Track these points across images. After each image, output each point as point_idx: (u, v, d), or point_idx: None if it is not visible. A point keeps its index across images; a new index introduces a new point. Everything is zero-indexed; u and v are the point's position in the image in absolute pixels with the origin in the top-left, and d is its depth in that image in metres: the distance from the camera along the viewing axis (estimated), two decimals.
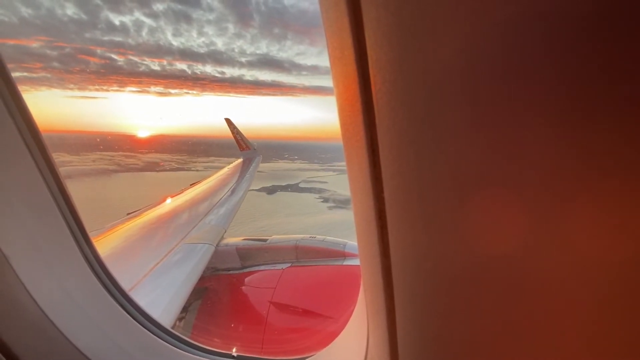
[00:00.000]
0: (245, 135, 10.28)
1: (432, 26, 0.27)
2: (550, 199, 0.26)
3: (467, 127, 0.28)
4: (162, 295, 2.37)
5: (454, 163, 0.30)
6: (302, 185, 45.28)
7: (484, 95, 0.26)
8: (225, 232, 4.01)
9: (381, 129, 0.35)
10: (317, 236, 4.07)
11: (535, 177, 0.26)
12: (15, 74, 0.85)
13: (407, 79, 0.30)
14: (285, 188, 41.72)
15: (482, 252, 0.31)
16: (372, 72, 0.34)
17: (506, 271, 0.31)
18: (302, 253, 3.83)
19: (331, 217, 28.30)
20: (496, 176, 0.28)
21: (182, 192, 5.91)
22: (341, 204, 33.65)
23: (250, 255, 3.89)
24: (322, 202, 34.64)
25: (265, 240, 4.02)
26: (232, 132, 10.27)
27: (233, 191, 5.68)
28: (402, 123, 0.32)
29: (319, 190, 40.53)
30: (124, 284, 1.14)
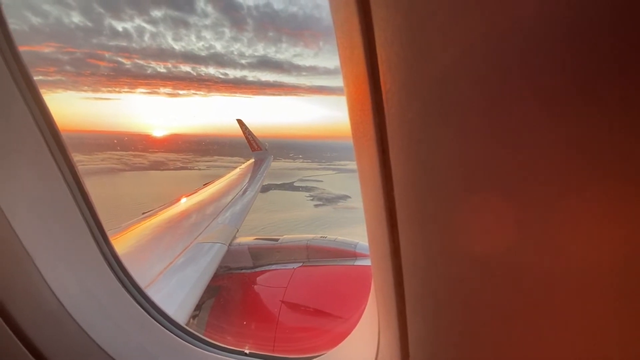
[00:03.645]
0: (255, 135, 10.38)
1: (442, 25, 0.27)
2: (562, 198, 0.26)
3: (477, 126, 0.28)
4: (177, 293, 2.42)
5: (464, 162, 0.30)
6: (297, 183, 45.67)
7: (494, 95, 0.26)
8: (238, 231, 4.07)
9: (391, 129, 0.35)
10: (328, 236, 4.08)
11: (548, 177, 0.26)
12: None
13: (417, 78, 0.30)
14: (280, 186, 42.10)
15: (493, 252, 0.31)
16: (382, 71, 0.34)
17: (518, 271, 0.30)
18: (313, 253, 3.84)
19: (312, 214, 29.20)
20: (507, 175, 0.28)
21: (196, 192, 6.01)
22: (328, 202, 34.63)
23: (262, 255, 3.93)
24: (310, 200, 35.60)
25: (276, 240, 4.05)
26: (244, 133, 10.38)
27: (244, 191, 5.75)
28: (412, 122, 0.32)
29: (312, 189, 41.17)
30: (141, 282, 1.17)
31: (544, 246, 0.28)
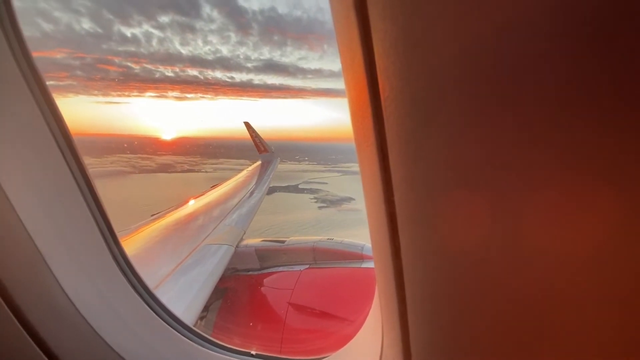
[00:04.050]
0: (263, 137, 10.44)
1: (436, 36, 0.28)
2: (564, 200, 0.26)
3: (471, 130, 0.29)
4: (185, 294, 2.45)
5: (460, 166, 0.31)
6: (301, 186, 46.03)
7: (489, 101, 0.27)
8: (245, 233, 4.09)
9: (390, 135, 0.36)
10: (335, 238, 4.07)
11: (548, 180, 0.26)
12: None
13: (413, 86, 0.31)
14: (284, 189, 42.51)
15: (492, 254, 0.32)
16: (380, 79, 0.35)
17: (518, 272, 0.31)
18: (319, 255, 3.84)
19: (316, 215, 29.50)
20: (504, 178, 0.28)
21: (203, 194, 6.06)
22: (331, 204, 34.95)
23: (268, 257, 3.94)
24: (314, 202, 35.99)
25: (283, 242, 4.06)
26: (251, 135, 10.44)
27: (251, 193, 5.78)
28: (409, 129, 0.33)
29: (316, 191, 41.56)
30: (149, 283, 1.19)
31: (545, 247, 0.28)
